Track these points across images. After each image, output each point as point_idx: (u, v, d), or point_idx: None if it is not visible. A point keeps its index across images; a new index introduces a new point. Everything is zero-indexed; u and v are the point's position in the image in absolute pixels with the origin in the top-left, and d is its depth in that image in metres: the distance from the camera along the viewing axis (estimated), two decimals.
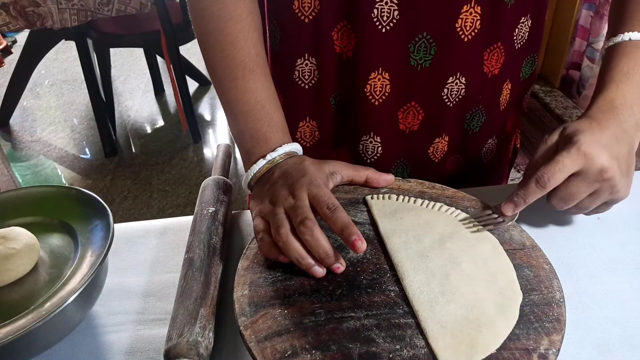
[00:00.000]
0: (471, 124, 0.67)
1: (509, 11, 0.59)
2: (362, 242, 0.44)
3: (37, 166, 2.30)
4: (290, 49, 0.61)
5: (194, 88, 2.77)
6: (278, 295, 0.43)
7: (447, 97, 0.63)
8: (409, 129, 0.66)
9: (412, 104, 0.63)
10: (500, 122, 0.70)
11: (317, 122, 0.67)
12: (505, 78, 0.65)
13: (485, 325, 0.40)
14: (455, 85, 0.62)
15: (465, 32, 0.58)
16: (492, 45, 0.61)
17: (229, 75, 0.56)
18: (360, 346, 0.39)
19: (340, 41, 0.59)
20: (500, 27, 0.60)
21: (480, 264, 0.45)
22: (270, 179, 0.52)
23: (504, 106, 0.68)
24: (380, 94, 0.62)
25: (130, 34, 2.28)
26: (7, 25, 1.97)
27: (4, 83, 2.62)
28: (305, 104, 0.65)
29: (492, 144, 0.72)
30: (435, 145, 0.68)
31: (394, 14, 0.56)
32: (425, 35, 0.58)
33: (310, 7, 0.57)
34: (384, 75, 0.60)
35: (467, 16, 0.57)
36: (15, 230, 0.47)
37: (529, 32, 0.63)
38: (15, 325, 0.39)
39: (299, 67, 0.62)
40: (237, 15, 0.55)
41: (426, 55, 0.59)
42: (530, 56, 0.66)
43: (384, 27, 0.57)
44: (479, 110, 0.66)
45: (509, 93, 0.67)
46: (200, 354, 0.40)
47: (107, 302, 0.50)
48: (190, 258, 0.48)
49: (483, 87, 0.64)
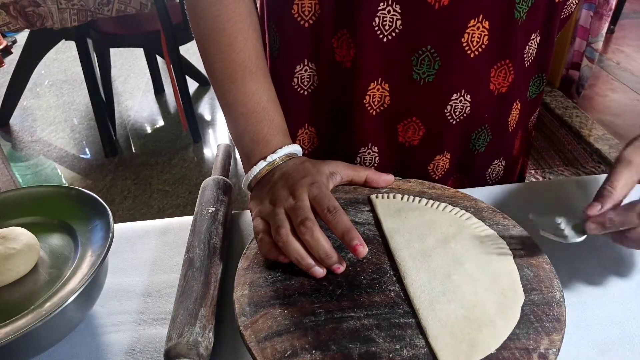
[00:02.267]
0: (477, 144, 0.65)
1: (520, 27, 0.56)
2: (363, 247, 0.44)
3: (37, 166, 2.30)
4: (289, 54, 0.60)
5: (194, 88, 2.77)
6: (278, 295, 0.43)
7: (451, 114, 0.61)
8: (409, 143, 0.64)
9: (413, 119, 0.62)
10: (509, 143, 0.68)
11: (316, 128, 0.66)
12: (514, 97, 0.63)
13: (485, 325, 0.40)
14: (460, 102, 0.60)
15: (471, 47, 0.56)
16: (500, 61, 0.58)
17: (228, 77, 0.55)
18: (360, 346, 0.39)
19: (339, 49, 0.58)
20: (509, 43, 0.57)
21: (483, 264, 0.45)
22: (271, 180, 0.52)
23: (512, 127, 0.66)
24: (379, 104, 0.60)
25: (130, 34, 2.28)
26: (7, 25, 1.97)
27: (4, 83, 2.62)
28: (303, 110, 0.64)
29: (498, 166, 0.69)
30: (435, 162, 0.66)
31: (397, 23, 0.54)
32: (429, 49, 0.56)
33: (310, 11, 0.56)
34: (384, 85, 0.59)
35: (474, 31, 0.55)
36: (15, 230, 0.47)
37: (537, 49, 0.60)
38: (15, 325, 0.39)
39: (298, 74, 0.61)
40: (237, 16, 0.54)
41: (430, 69, 0.57)
42: (538, 75, 0.64)
43: (385, 36, 0.55)
44: (485, 129, 0.64)
45: (518, 113, 0.65)
46: (200, 354, 0.40)
47: (107, 302, 0.50)
48: (190, 258, 0.48)
49: (489, 105, 0.61)
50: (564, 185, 0.63)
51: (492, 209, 0.52)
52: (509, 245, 0.48)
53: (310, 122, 0.66)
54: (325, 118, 0.65)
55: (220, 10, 0.53)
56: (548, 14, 0.58)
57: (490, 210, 0.52)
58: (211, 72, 0.57)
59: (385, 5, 0.53)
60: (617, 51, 3.09)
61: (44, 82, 3.06)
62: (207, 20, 0.54)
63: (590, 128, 2.33)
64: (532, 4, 0.55)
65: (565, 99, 2.56)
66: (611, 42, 3.20)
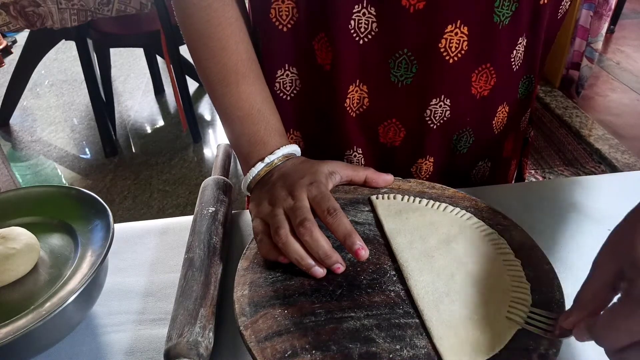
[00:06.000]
0: (458, 145, 0.64)
1: (502, 32, 0.55)
2: (365, 251, 0.44)
3: (37, 166, 2.30)
4: (270, 60, 0.60)
5: (194, 88, 2.77)
6: (278, 295, 0.43)
7: (430, 118, 0.60)
8: (390, 143, 0.63)
9: (392, 121, 0.61)
10: (494, 145, 0.67)
11: (301, 132, 0.66)
12: (499, 101, 0.62)
13: (489, 326, 0.40)
14: (439, 107, 0.59)
15: (450, 53, 0.55)
16: (481, 65, 0.57)
17: (221, 81, 0.55)
18: (361, 346, 0.39)
19: (320, 52, 0.57)
20: (491, 48, 0.56)
21: (486, 264, 0.45)
22: (269, 181, 0.52)
23: (499, 130, 0.65)
24: (358, 106, 0.60)
25: (130, 34, 2.28)
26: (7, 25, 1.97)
27: (4, 83, 2.62)
28: (287, 115, 0.62)
29: (483, 167, 0.68)
30: (418, 166, 0.65)
31: (372, 26, 0.54)
32: (406, 52, 0.55)
33: (288, 15, 0.55)
34: (362, 87, 0.58)
35: (451, 36, 0.54)
36: (15, 230, 0.47)
37: (524, 52, 0.59)
38: (15, 325, 0.39)
39: (279, 79, 0.61)
40: (226, 20, 0.54)
41: (407, 72, 0.56)
42: (526, 77, 0.63)
43: (361, 38, 0.55)
44: (467, 131, 0.63)
45: (506, 116, 0.64)
46: (200, 354, 0.40)
47: (107, 302, 0.50)
48: (190, 258, 0.48)
49: (471, 108, 0.61)
50: (564, 185, 0.63)
51: (492, 209, 0.52)
52: (509, 245, 0.48)
53: (295, 127, 0.65)
54: (309, 122, 0.64)
55: (210, 15, 0.53)
56: (533, 17, 0.56)
57: (490, 210, 0.52)
58: (204, 77, 0.57)
59: (360, 8, 0.53)
60: (617, 51, 3.09)
61: (44, 82, 3.06)
62: (197, 26, 0.54)
63: (590, 128, 2.33)
64: (516, 8, 0.54)
65: (565, 99, 2.56)
66: (611, 42, 3.20)
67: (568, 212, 0.59)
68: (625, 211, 0.57)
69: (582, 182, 0.64)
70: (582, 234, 0.55)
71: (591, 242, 0.54)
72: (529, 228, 0.50)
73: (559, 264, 0.47)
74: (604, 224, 0.56)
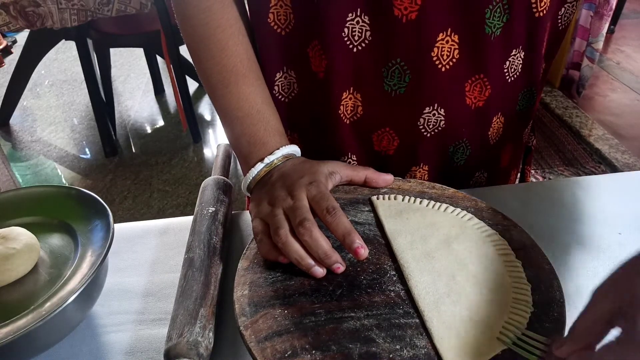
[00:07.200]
0: (455, 157, 0.64)
1: (494, 43, 0.55)
2: (364, 250, 0.44)
3: (37, 166, 2.30)
4: (269, 62, 0.60)
5: (194, 88, 2.77)
6: (278, 295, 0.43)
7: (424, 127, 0.60)
8: (385, 152, 0.63)
9: (386, 129, 0.61)
10: (491, 156, 0.67)
11: (298, 134, 0.66)
12: (494, 112, 0.62)
13: (490, 327, 0.40)
14: (433, 116, 0.59)
15: (442, 61, 0.55)
16: (475, 76, 0.57)
17: (221, 82, 0.55)
18: (360, 346, 0.39)
19: (314, 59, 0.57)
20: (483, 59, 0.56)
21: (487, 264, 0.45)
22: (269, 181, 0.52)
23: (495, 140, 0.65)
24: (352, 114, 0.60)
25: (130, 34, 2.28)
26: (7, 25, 1.97)
27: (4, 83, 2.62)
28: (285, 117, 0.62)
29: (480, 177, 0.68)
30: (412, 173, 0.65)
31: (366, 34, 0.54)
32: (398, 61, 0.55)
33: (285, 19, 0.56)
34: (356, 95, 0.59)
35: (443, 45, 0.54)
36: (15, 230, 0.47)
37: (522, 65, 0.59)
38: (15, 325, 0.39)
39: (278, 81, 0.61)
40: (226, 22, 0.54)
41: (400, 82, 0.56)
42: (527, 90, 0.62)
43: (355, 46, 0.55)
44: (463, 142, 0.63)
45: (502, 127, 0.64)
46: (200, 354, 0.40)
47: (107, 302, 0.50)
48: (190, 258, 0.48)
49: (466, 119, 0.61)
50: (564, 185, 0.63)
51: (492, 209, 0.52)
52: (510, 245, 0.48)
53: (292, 129, 0.65)
54: (305, 126, 0.64)
55: (209, 17, 0.53)
56: (529, 29, 0.56)
57: (490, 210, 0.52)
58: (204, 78, 0.57)
59: (354, 16, 0.53)
60: (617, 51, 3.09)
61: (44, 82, 3.06)
62: (196, 28, 0.54)
63: (590, 128, 2.33)
64: (507, 19, 0.54)
65: (565, 99, 2.56)
66: (611, 42, 3.20)
67: (568, 212, 0.59)
68: (625, 211, 0.57)
69: (582, 182, 0.64)
70: (582, 234, 0.55)
71: (591, 242, 0.54)
72: (529, 228, 0.50)
73: (559, 264, 0.47)
74: (604, 224, 0.56)
